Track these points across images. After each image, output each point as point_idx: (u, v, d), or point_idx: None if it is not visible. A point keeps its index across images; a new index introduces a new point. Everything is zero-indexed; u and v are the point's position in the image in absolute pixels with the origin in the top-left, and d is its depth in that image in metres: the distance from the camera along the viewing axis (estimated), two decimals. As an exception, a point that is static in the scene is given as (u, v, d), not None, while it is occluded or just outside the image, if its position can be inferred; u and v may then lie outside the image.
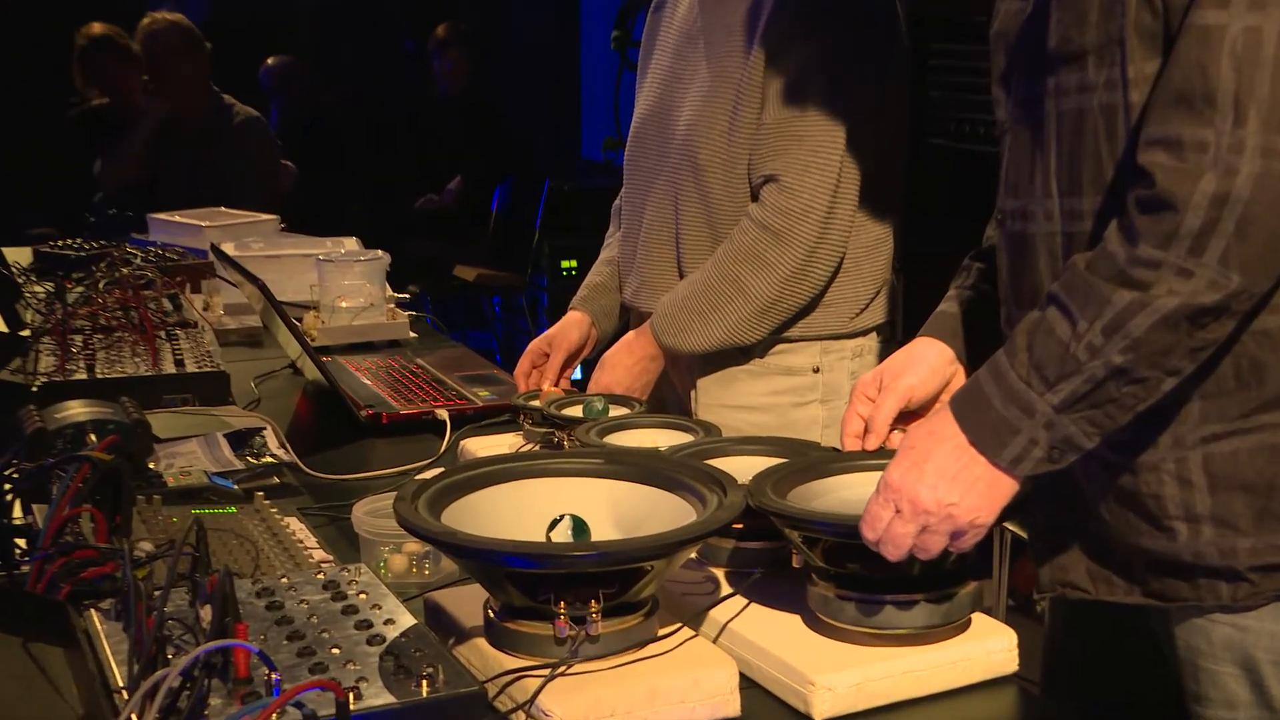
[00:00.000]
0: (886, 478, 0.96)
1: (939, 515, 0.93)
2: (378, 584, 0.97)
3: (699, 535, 0.93)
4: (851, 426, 1.14)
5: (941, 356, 1.15)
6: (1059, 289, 0.92)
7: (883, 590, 0.97)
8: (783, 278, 1.52)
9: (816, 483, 1.07)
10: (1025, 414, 0.92)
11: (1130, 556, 1.02)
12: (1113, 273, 0.89)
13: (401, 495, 0.97)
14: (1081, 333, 0.90)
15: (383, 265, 2.25)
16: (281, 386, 1.95)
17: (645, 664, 0.93)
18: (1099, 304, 0.89)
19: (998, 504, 0.94)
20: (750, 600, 1.03)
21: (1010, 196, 1.05)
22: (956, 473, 0.93)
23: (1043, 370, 0.91)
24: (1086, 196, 0.97)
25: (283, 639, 0.87)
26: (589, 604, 0.91)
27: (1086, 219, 0.97)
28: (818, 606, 1.00)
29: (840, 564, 0.99)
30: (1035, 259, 1.02)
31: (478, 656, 0.96)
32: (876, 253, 1.60)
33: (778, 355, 1.60)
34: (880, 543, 0.95)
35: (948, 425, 0.95)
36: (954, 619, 0.98)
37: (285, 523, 1.23)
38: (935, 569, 0.98)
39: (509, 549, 0.90)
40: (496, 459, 1.08)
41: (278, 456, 1.48)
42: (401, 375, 1.93)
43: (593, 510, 1.01)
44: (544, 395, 1.52)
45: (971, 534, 0.95)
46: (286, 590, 0.95)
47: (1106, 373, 0.89)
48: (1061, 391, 0.91)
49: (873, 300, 1.62)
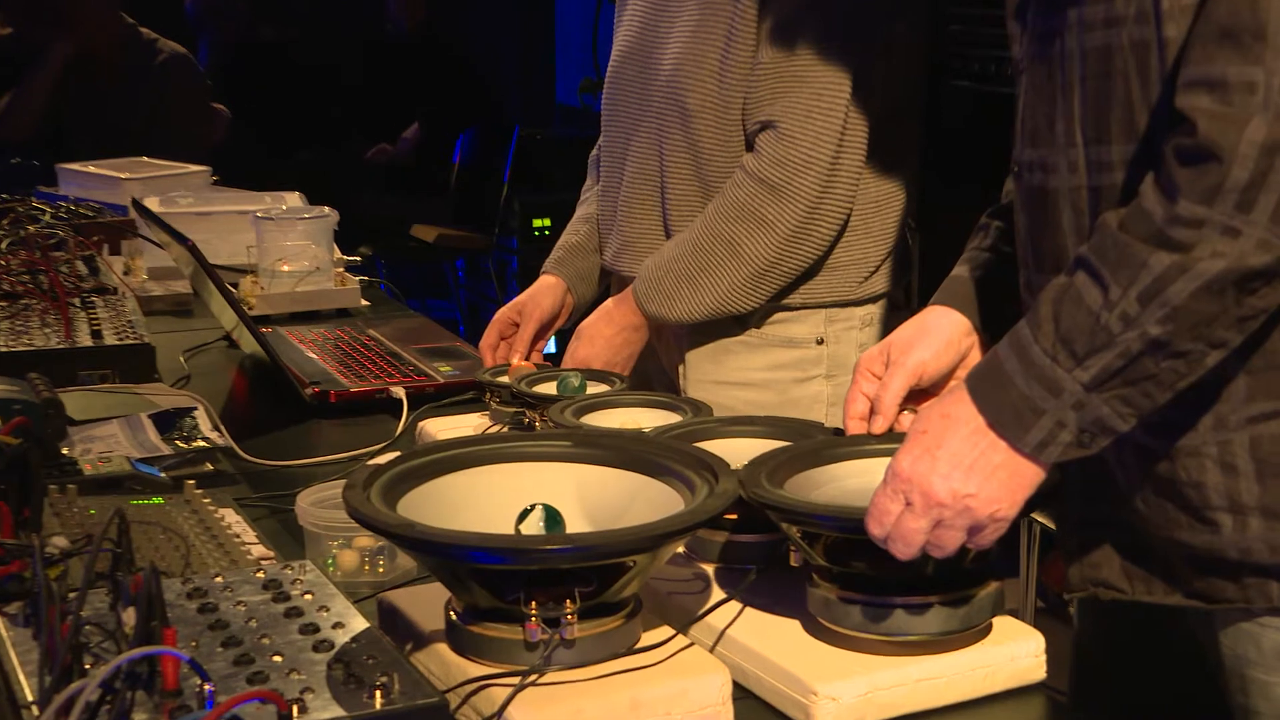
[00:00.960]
0: (895, 466, 0.96)
1: (955, 508, 0.94)
2: (325, 583, 0.97)
3: (687, 527, 0.93)
4: (855, 407, 1.14)
5: (956, 327, 1.15)
6: (1088, 252, 0.92)
7: (892, 592, 0.97)
8: (782, 237, 1.52)
9: (816, 470, 1.08)
10: (1051, 393, 0.92)
11: (1169, 553, 1.03)
12: (1149, 232, 0.89)
13: (352, 483, 0.97)
14: (1114, 301, 0.90)
15: (330, 224, 2.24)
16: (214, 361, 1.95)
17: (627, 672, 0.93)
18: (1134, 268, 0.89)
19: (1020, 495, 0.95)
20: (746, 601, 1.04)
21: (1028, 146, 1.05)
22: (974, 460, 0.94)
23: (1071, 343, 0.91)
24: (1115, 145, 0.97)
25: (217, 645, 0.87)
26: (563, 604, 0.91)
27: (1116, 170, 0.97)
28: (819, 610, 1.00)
29: (844, 563, 1.00)
30: (1058, 216, 1.02)
31: (438, 664, 0.96)
32: (888, 209, 1.60)
33: (776, 325, 1.60)
34: (889, 539, 0.95)
35: (964, 406, 0.95)
36: (972, 624, 0.99)
37: (220, 515, 1.23)
38: (951, 568, 0.98)
39: (473, 543, 0.90)
40: (459, 442, 1.08)
41: (211, 440, 1.48)
42: (352, 348, 1.93)
43: (568, 499, 1.02)
44: (513, 370, 1.52)
45: (991, 529, 0.95)
46: (221, 591, 0.95)
47: (1143, 346, 0.90)
48: (1092, 367, 0.91)
49: (884, 263, 1.62)
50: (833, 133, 1.51)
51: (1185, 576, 1.03)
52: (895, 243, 1.62)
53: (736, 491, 0.97)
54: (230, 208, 2.48)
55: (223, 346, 2.00)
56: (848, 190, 1.54)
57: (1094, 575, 1.07)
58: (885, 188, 1.59)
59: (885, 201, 1.60)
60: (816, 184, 1.51)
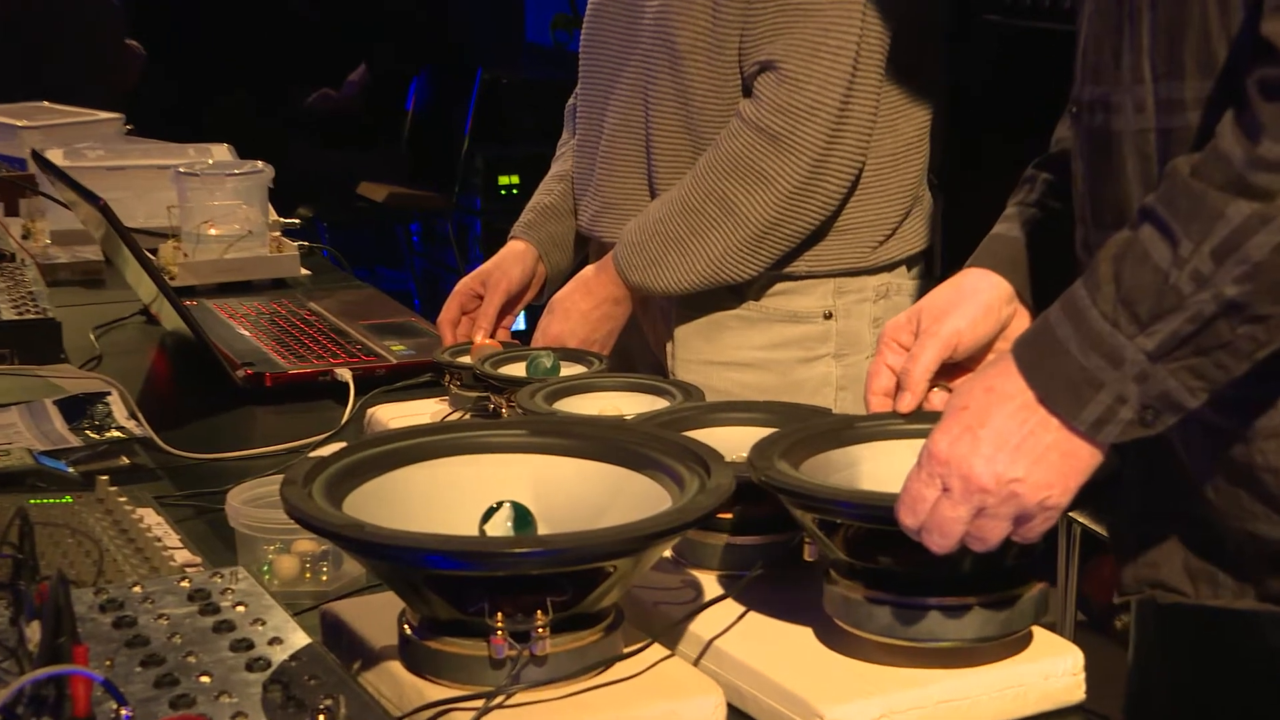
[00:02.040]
0: (931, 447, 0.96)
1: (999, 495, 0.94)
2: (260, 593, 0.97)
3: (675, 527, 0.94)
4: (879, 381, 1.14)
5: (996, 292, 1.15)
6: (1156, 202, 0.92)
7: (925, 592, 0.98)
8: (784, 195, 1.53)
9: (836, 453, 1.08)
10: (1111, 363, 0.92)
11: (1241, 549, 1.03)
12: (1227, 178, 0.89)
13: (291, 478, 0.98)
14: (1185, 257, 0.90)
15: (263, 181, 2.23)
16: (131, 339, 1.94)
17: (606, 692, 0.94)
18: (1208, 219, 0.89)
19: (1074, 480, 0.95)
20: (745, 608, 1.05)
21: (1089, 83, 1.05)
22: (1022, 440, 0.94)
23: (1134, 306, 0.91)
24: (1189, 81, 0.97)
25: (136, 665, 0.87)
26: (534, 616, 0.91)
27: (1189, 110, 0.98)
28: (838, 612, 1.01)
29: (870, 558, 1.00)
30: (1121, 163, 1.02)
31: (391, 684, 0.96)
32: (907, 163, 1.61)
33: (778, 297, 1.61)
34: (923, 530, 0.95)
35: (1010, 379, 0.95)
36: (1015, 629, 1.00)
37: (138, 515, 1.23)
38: (992, 565, 0.98)
39: (431, 546, 0.90)
40: (414, 431, 1.08)
41: (127, 430, 1.48)
42: (290, 324, 1.93)
43: (538, 496, 1.02)
44: (475, 350, 1.53)
45: (1041, 519, 0.95)
46: (140, 602, 0.95)
47: (1217, 308, 0.89)
48: (1158, 334, 0.91)
49: (901, 224, 1.63)
50: (842, 74, 1.51)
51: (1260, 576, 1.03)
52: (914, 201, 1.63)
53: (731, 487, 0.97)
54: (148, 162, 2.48)
55: (140, 322, 2.00)
56: (859, 141, 1.54)
57: (1152, 576, 1.08)
58: (904, 137, 1.60)
59: (904, 154, 1.60)
60: (823, 134, 1.51)
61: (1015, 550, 0.98)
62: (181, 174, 2.20)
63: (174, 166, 2.27)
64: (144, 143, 2.75)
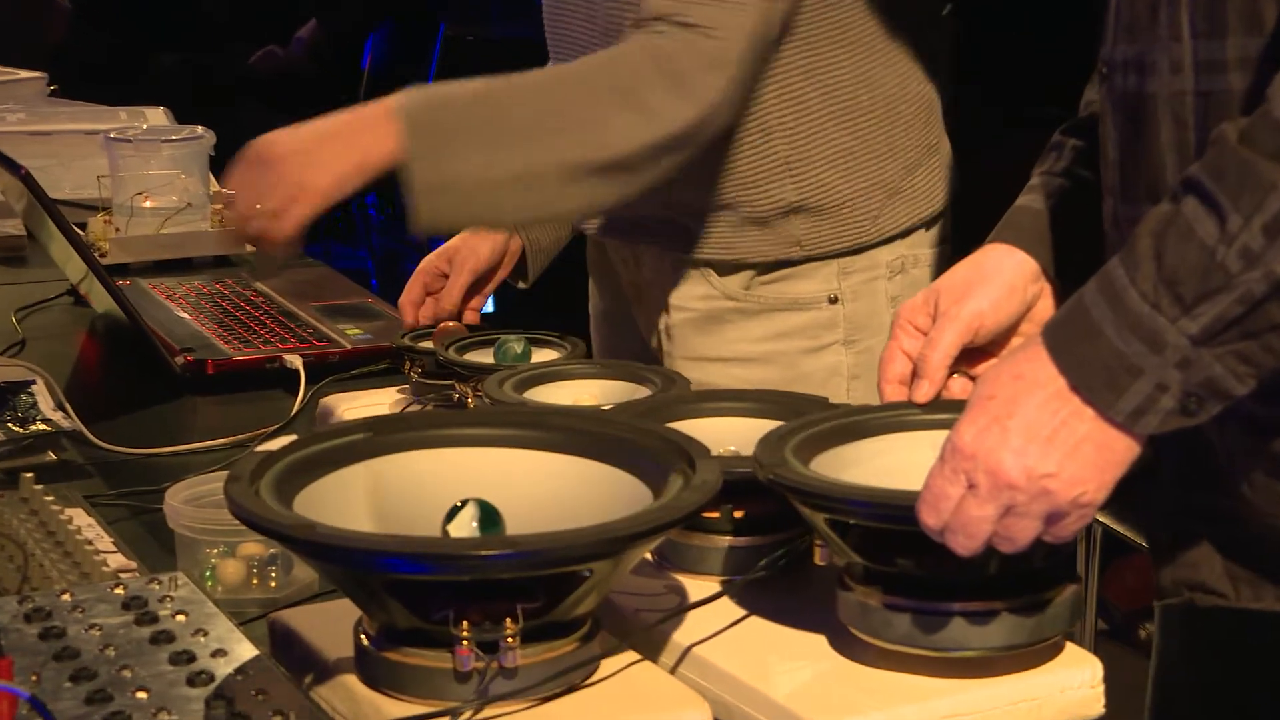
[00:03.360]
0: (956, 439, 0.96)
1: (1030, 491, 0.94)
2: (203, 600, 0.97)
3: (657, 527, 0.94)
4: (894, 368, 1.15)
5: (1021, 271, 1.16)
6: (1200, 172, 0.92)
7: (948, 597, 0.98)
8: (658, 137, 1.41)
9: (849, 446, 1.08)
10: (1151, 348, 0.92)
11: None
12: (1279, 146, 0.90)
13: (235, 475, 0.98)
14: (1233, 233, 0.90)
15: (204, 148, 2.23)
16: (57, 322, 1.94)
17: (581, 706, 0.94)
18: (1260, 191, 0.89)
19: (1110, 474, 0.95)
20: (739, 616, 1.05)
21: (1123, 41, 1.05)
22: (1054, 431, 0.94)
23: (1177, 286, 0.91)
24: (1231, 39, 0.97)
25: (65, 679, 0.87)
26: (502, 624, 0.92)
27: (1231, 71, 0.98)
28: (853, 619, 1.01)
29: (888, 561, 1.00)
30: (1155, 130, 1.02)
31: (346, 699, 0.97)
32: (908, 114, 1.58)
33: (777, 284, 1.59)
34: (947, 530, 0.95)
35: (1040, 365, 0.95)
36: (1045, 635, 1.00)
37: (66, 516, 1.23)
38: (1021, 567, 0.99)
39: (389, 548, 0.91)
40: (371, 423, 1.08)
41: (53, 422, 1.48)
42: (234, 306, 1.93)
43: (507, 494, 1.02)
44: (439, 333, 1.53)
45: (1074, 517, 0.95)
46: (69, 611, 0.96)
47: (1268, 288, 0.90)
48: (1203, 316, 0.91)
49: (908, 182, 1.60)
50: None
51: None
52: (924, 154, 1.60)
53: (718, 483, 0.98)
54: (75, 126, 2.47)
55: (67, 304, 2.00)
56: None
57: (1190, 577, 1.08)
58: (911, 87, 1.58)
59: (901, 103, 1.58)
60: (727, 88, 1.43)
61: (1045, 551, 0.99)
62: (112, 140, 2.20)
63: (104, 132, 2.26)
64: (70, 105, 2.74)
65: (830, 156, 1.55)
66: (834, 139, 1.55)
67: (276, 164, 1.37)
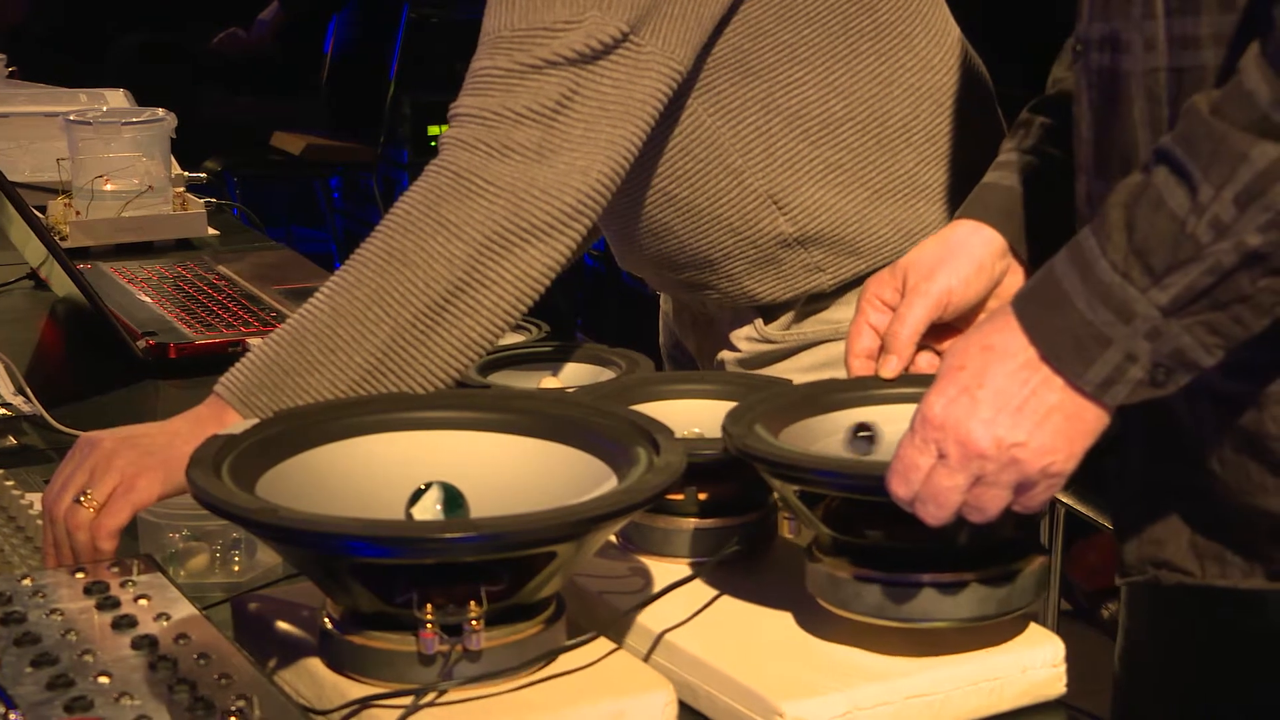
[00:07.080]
0: (925, 410, 0.96)
1: (999, 460, 0.94)
2: (165, 585, 0.97)
3: (621, 509, 0.94)
4: (861, 342, 1.15)
5: (989, 247, 1.16)
6: (1172, 143, 0.92)
7: (918, 567, 0.98)
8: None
9: (817, 419, 1.09)
10: (1120, 318, 0.92)
11: (1251, 525, 1.04)
12: (1251, 118, 0.89)
13: (198, 458, 0.98)
14: (1204, 203, 0.90)
15: (165, 130, 2.22)
16: (17, 306, 1.93)
17: (546, 689, 0.94)
18: (1231, 162, 0.89)
19: (1079, 444, 0.95)
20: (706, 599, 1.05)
21: (1098, 19, 1.05)
22: (1023, 400, 0.94)
23: (1147, 256, 0.91)
24: (1205, 15, 0.97)
25: (26, 665, 0.87)
26: (466, 607, 0.92)
27: (1204, 48, 0.98)
28: (823, 591, 1.02)
29: (858, 532, 1.01)
30: (1128, 106, 1.02)
31: (310, 683, 0.97)
32: (914, 109, 1.42)
33: (814, 318, 1.46)
34: (917, 500, 0.96)
35: (1010, 335, 0.96)
36: (1014, 607, 1.01)
37: (27, 501, 1.23)
38: (990, 538, 1.00)
39: (353, 531, 0.91)
40: (334, 406, 1.08)
41: (14, 407, 1.47)
42: (197, 290, 1.92)
43: (471, 476, 1.02)
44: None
45: (1043, 486, 0.96)
46: (30, 596, 0.95)
47: (1238, 259, 0.90)
48: (1173, 286, 0.91)
49: (931, 176, 1.45)
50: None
51: (1271, 554, 1.04)
52: (938, 145, 1.43)
53: (683, 464, 0.98)
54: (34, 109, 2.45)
55: (27, 288, 1.99)
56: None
57: (1155, 554, 1.09)
58: (882, 83, 1.51)
59: (888, 101, 1.48)
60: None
61: (1014, 521, 1.00)
62: (72, 122, 2.18)
63: (64, 114, 2.24)
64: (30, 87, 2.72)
65: (814, 175, 1.41)
66: (814, 156, 1.41)
67: (109, 453, 1.15)
